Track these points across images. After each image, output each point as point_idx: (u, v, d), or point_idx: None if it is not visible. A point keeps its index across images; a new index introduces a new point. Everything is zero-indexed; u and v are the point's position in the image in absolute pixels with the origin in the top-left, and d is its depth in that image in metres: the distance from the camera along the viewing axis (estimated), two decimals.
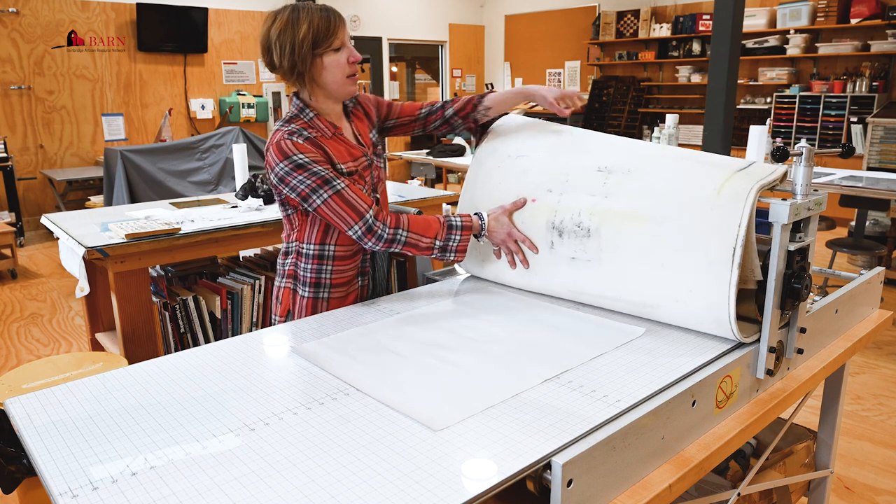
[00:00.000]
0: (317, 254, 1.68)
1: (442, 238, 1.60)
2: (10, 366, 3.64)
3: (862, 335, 1.63)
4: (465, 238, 1.62)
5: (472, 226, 1.64)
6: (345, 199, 1.56)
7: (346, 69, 1.59)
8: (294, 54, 1.55)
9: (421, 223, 1.61)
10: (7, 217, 6.26)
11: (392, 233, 1.58)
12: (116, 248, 2.46)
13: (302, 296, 1.72)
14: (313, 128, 1.62)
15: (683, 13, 8.20)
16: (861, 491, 2.42)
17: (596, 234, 1.45)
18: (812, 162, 1.28)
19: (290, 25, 1.54)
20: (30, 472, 1.91)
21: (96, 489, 0.90)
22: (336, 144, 1.64)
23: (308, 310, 1.71)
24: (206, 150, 5.17)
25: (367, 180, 1.70)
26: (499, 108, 1.81)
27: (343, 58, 1.58)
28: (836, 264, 4.94)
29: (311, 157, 1.55)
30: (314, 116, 1.63)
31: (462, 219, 1.63)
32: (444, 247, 1.61)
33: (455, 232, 1.61)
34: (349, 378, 1.22)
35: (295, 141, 1.55)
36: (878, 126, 6.27)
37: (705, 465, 1.12)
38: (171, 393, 1.18)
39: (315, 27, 1.54)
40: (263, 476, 0.92)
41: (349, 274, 1.73)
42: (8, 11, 6.44)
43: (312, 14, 1.55)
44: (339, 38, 1.57)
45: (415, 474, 0.91)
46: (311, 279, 1.70)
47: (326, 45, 1.55)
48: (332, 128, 1.65)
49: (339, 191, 1.55)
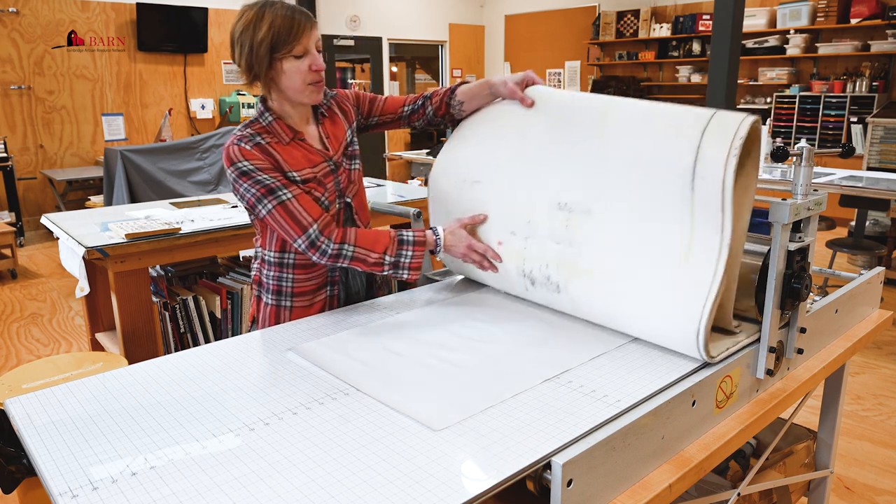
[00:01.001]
0: (277, 261, 1.64)
1: (392, 254, 1.53)
2: (10, 366, 3.64)
3: (862, 335, 1.63)
4: (417, 254, 1.54)
5: (425, 241, 1.56)
6: (288, 211, 1.49)
7: (305, 77, 1.50)
8: (251, 55, 1.48)
9: (369, 237, 1.53)
10: (7, 217, 6.26)
11: (337, 248, 1.51)
12: (116, 247, 2.46)
13: (266, 303, 1.68)
14: (270, 132, 1.54)
15: (683, 13, 8.20)
16: (861, 491, 2.42)
17: (565, 290, 1.42)
18: (812, 162, 1.28)
19: (252, 25, 1.47)
20: (30, 472, 1.91)
21: (96, 489, 0.90)
22: (292, 150, 1.56)
23: (272, 318, 1.66)
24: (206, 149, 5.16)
25: (329, 187, 1.61)
26: (471, 103, 1.71)
27: (304, 65, 1.49)
28: (836, 264, 4.94)
29: (257, 164, 1.49)
30: (273, 121, 1.56)
31: (415, 234, 1.55)
32: (396, 263, 1.54)
33: (406, 248, 1.54)
34: (349, 378, 1.22)
35: (242, 147, 1.49)
36: (878, 126, 6.27)
37: (705, 465, 1.12)
38: (171, 393, 1.18)
39: (276, 30, 1.45)
40: (263, 476, 0.92)
41: (312, 283, 1.66)
42: (8, 11, 6.44)
43: (277, 15, 1.46)
44: (302, 43, 1.47)
45: (415, 474, 0.91)
46: (273, 286, 1.66)
47: (286, 51, 1.47)
48: (291, 132, 1.57)
49: (283, 202, 1.49)
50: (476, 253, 1.56)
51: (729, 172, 1.14)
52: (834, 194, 3.68)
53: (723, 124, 1.19)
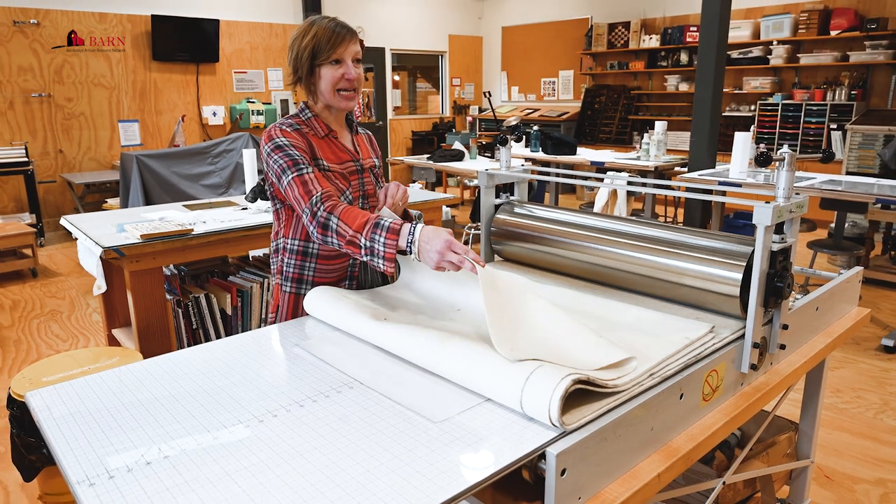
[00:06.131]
0: (301, 250, 1.66)
1: (367, 237, 1.39)
2: (31, 360, 3.64)
3: (841, 332, 1.63)
4: (390, 242, 1.36)
5: (398, 230, 1.36)
6: (303, 182, 1.51)
7: (337, 83, 1.60)
8: (297, 60, 1.61)
9: (352, 214, 1.44)
10: (28, 218, 6.26)
11: (325, 217, 1.45)
12: (132, 248, 2.46)
13: (285, 291, 1.69)
14: (307, 126, 1.64)
15: (672, 25, 8.19)
16: (840, 480, 2.42)
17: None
18: (794, 166, 1.28)
19: (302, 34, 1.60)
20: (49, 461, 1.91)
21: (112, 477, 0.90)
22: (325, 144, 1.64)
23: (290, 305, 1.68)
24: (218, 154, 5.16)
25: (354, 184, 1.67)
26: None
27: (338, 73, 1.59)
28: (816, 264, 4.94)
29: (292, 141, 1.57)
30: (311, 117, 1.66)
31: (391, 222, 1.40)
32: (372, 249, 1.39)
33: (380, 232, 1.38)
34: (353, 372, 1.22)
35: (282, 128, 1.60)
36: (857, 133, 6.27)
37: (692, 455, 1.12)
38: (183, 386, 1.18)
39: (318, 39, 1.57)
40: (271, 465, 0.92)
41: (333, 275, 1.69)
42: (29, 23, 6.44)
43: (321, 27, 1.58)
44: (338, 53, 1.58)
45: (416, 464, 0.91)
46: (293, 274, 1.68)
47: (324, 58, 1.58)
48: (326, 129, 1.66)
49: (302, 174, 1.51)
50: (455, 253, 1.31)
51: None
52: (815, 197, 3.68)
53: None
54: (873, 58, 6.47)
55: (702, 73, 4.97)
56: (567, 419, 0.98)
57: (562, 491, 0.92)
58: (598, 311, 1.44)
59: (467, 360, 1.14)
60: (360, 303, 1.49)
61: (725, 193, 3.36)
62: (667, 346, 1.20)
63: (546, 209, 1.77)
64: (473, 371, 1.12)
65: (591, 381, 1.02)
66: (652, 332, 1.30)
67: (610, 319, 1.39)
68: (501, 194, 1.90)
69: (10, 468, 2.42)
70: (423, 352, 1.21)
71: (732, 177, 4.13)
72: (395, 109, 9.99)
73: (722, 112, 6.47)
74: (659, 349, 1.19)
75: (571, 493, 0.94)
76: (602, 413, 1.02)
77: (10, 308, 4.56)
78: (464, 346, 1.18)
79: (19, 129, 6.55)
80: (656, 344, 1.22)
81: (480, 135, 9.46)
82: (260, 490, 0.87)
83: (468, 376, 1.12)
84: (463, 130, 9.96)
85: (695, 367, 1.16)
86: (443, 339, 1.22)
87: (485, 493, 1.08)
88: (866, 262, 4.80)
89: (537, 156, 6.09)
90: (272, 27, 8.25)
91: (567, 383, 0.98)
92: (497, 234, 1.84)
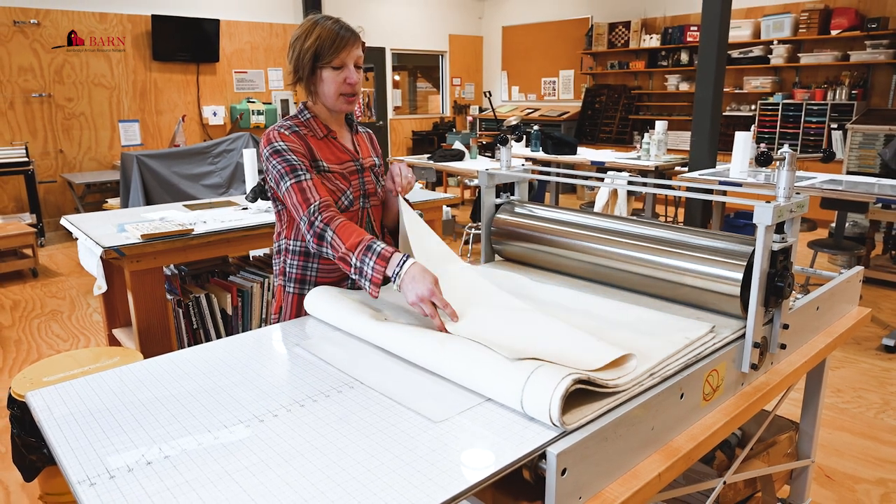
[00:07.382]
0: (303, 250, 1.67)
1: (358, 257, 1.39)
2: (32, 360, 3.64)
3: (842, 331, 1.63)
4: (378, 268, 1.37)
5: (388, 258, 1.37)
6: (301, 189, 1.51)
7: (338, 87, 1.59)
8: (298, 60, 1.59)
9: (348, 230, 1.44)
10: (28, 218, 6.26)
11: (321, 228, 1.46)
12: (132, 247, 2.46)
13: (288, 292, 1.70)
14: (306, 127, 1.63)
15: (672, 25, 8.19)
16: (841, 479, 2.42)
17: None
18: (794, 166, 1.28)
19: (305, 34, 1.58)
20: (50, 461, 1.91)
21: (113, 477, 0.90)
22: (324, 145, 1.64)
23: (293, 306, 1.68)
24: (218, 154, 5.16)
25: (354, 184, 1.66)
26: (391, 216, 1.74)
27: (340, 77, 1.58)
28: (817, 264, 4.94)
29: (290, 145, 1.56)
30: (310, 118, 1.65)
31: (384, 248, 1.39)
32: (361, 270, 1.39)
33: (370, 256, 1.38)
34: (354, 372, 1.22)
35: (280, 131, 1.58)
36: (857, 132, 6.27)
37: (693, 454, 1.12)
38: (184, 386, 1.18)
39: (321, 41, 1.55)
40: (272, 465, 0.92)
41: (335, 275, 1.69)
42: (29, 23, 6.44)
43: (325, 28, 1.56)
44: (341, 57, 1.56)
45: (416, 463, 0.91)
46: (296, 275, 1.68)
47: (326, 61, 1.56)
48: (325, 129, 1.66)
49: (300, 181, 1.52)
50: (432, 305, 1.31)
51: None
52: (815, 197, 3.67)
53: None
54: (874, 57, 6.46)
55: (702, 73, 4.97)
56: (567, 419, 0.98)
57: (562, 491, 0.92)
58: (598, 310, 1.44)
59: (468, 360, 1.14)
60: (361, 302, 1.49)
61: (726, 193, 3.36)
62: (667, 345, 1.20)
63: (546, 209, 1.77)
64: (474, 371, 1.12)
65: (592, 380, 1.03)
66: (652, 331, 1.30)
67: (610, 319, 1.39)
68: (502, 194, 1.90)
69: (11, 468, 2.42)
70: (424, 351, 1.22)
71: (733, 176, 4.13)
72: (396, 109, 10.00)
73: (722, 112, 6.48)
74: (659, 349, 1.19)
75: (572, 492, 0.94)
76: (602, 413, 1.02)
77: (10, 308, 4.56)
78: (464, 345, 1.18)
79: (20, 129, 6.56)
80: (657, 343, 1.22)
81: (481, 134, 9.46)
82: (260, 490, 0.87)
83: (469, 376, 1.12)
84: (463, 130, 9.97)
85: (695, 367, 1.16)
86: (443, 339, 1.22)
87: (485, 492, 1.08)
88: (867, 262, 4.79)
89: (538, 155, 6.09)
90: (272, 27, 8.25)
91: (567, 383, 0.98)
92: (497, 233, 1.84)
